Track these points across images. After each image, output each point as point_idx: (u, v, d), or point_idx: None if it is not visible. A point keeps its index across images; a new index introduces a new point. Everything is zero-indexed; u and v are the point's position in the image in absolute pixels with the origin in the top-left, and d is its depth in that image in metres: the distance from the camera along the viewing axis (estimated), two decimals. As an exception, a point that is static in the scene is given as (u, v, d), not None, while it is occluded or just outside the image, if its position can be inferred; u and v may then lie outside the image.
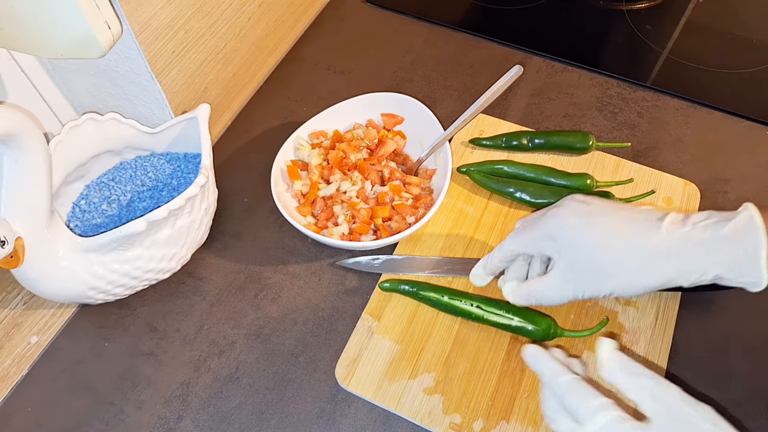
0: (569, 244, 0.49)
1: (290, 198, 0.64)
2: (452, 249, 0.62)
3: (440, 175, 0.64)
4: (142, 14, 0.54)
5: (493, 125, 0.72)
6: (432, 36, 0.82)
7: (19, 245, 0.49)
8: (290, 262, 0.63)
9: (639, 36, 0.82)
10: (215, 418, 0.54)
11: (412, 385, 0.55)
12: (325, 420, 0.54)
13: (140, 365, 0.57)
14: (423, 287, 0.58)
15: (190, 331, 0.59)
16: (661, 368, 0.55)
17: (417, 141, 0.68)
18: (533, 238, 0.52)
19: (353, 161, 0.65)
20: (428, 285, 0.58)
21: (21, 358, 0.57)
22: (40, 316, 0.60)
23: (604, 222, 0.49)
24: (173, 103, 0.62)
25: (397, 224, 0.61)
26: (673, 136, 0.72)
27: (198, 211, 0.58)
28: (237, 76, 0.72)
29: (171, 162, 0.64)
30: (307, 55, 0.81)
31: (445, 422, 0.53)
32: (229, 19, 0.66)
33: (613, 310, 0.58)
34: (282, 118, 0.74)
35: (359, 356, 0.56)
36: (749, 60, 0.79)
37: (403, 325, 0.58)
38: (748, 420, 0.53)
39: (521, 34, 0.82)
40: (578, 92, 0.76)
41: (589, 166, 0.68)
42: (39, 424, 0.54)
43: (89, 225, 0.60)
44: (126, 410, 0.55)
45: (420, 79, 0.78)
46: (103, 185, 0.63)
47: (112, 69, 0.59)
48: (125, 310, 0.60)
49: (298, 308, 0.60)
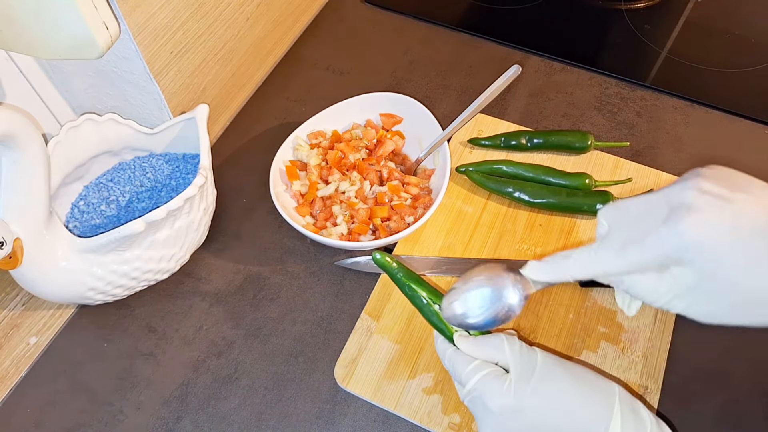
0: (711, 273, 0.36)
1: (289, 198, 0.64)
2: (451, 249, 0.62)
3: (439, 175, 0.64)
4: (140, 15, 0.54)
5: (492, 125, 0.72)
6: (430, 36, 0.82)
7: (17, 246, 0.49)
8: (289, 263, 0.63)
9: (638, 35, 0.82)
10: (214, 419, 0.54)
11: (411, 385, 0.55)
12: (324, 420, 0.54)
13: (139, 366, 0.57)
14: (410, 277, 0.51)
15: (189, 332, 0.59)
16: (660, 368, 0.55)
17: (416, 141, 0.68)
18: (647, 262, 0.38)
19: (352, 161, 0.65)
20: (416, 279, 0.52)
21: (20, 359, 0.57)
22: (39, 316, 0.60)
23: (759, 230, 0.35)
24: (172, 103, 0.62)
25: (396, 224, 0.61)
26: (672, 135, 0.72)
27: (197, 212, 0.58)
28: (236, 77, 0.72)
29: (170, 162, 0.64)
30: (305, 55, 0.81)
31: (445, 422, 0.53)
32: (227, 19, 0.66)
33: (612, 310, 0.58)
34: (281, 118, 0.74)
35: (358, 356, 0.56)
36: (748, 59, 0.79)
37: (402, 325, 0.58)
38: (747, 420, 0.53)
39: (520, 33, 0.82)
40: (577, 92, 0.76)
41: (588, 166, 0.68)
42: (38, 424, 0.54)
43: (88, 226, 0.60)
44: (125, 411, 0.55)
45: (418, 79, 0.78)
46: (101, 186, 0.63)
47: (111, 69, 0.59)
48: (124, 310, 0.60)
49: (297, 308, 0.60)
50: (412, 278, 0.51)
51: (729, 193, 0.36)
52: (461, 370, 0.46)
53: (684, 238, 0.36)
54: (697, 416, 0.54)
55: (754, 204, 0.36)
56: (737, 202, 0.35)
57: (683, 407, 0.54)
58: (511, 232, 0.63)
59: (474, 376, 0.45)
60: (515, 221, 0.64)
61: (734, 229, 0.35)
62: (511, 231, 0.63)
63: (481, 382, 0.45)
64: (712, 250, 0.35)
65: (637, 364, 0.55)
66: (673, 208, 0.37)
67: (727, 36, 0.82)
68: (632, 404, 0.44)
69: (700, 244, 0.35)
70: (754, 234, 0.35)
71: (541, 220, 0.64)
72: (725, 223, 0.35)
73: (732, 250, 0.35)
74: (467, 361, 0.46)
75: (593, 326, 0.57)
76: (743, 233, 0.35)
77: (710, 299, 0.37)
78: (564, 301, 0.59)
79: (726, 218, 0.35)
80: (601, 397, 0.44)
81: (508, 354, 0.45)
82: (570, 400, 0.43)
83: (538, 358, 0.45)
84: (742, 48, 0.80)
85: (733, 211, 0.35)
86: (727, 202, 0.36)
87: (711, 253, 0.35)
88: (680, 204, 0.37)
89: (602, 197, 0.63)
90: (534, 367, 0.44)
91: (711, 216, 0.35)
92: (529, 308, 0.58)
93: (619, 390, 0.44)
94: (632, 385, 0.54)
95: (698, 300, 0.38)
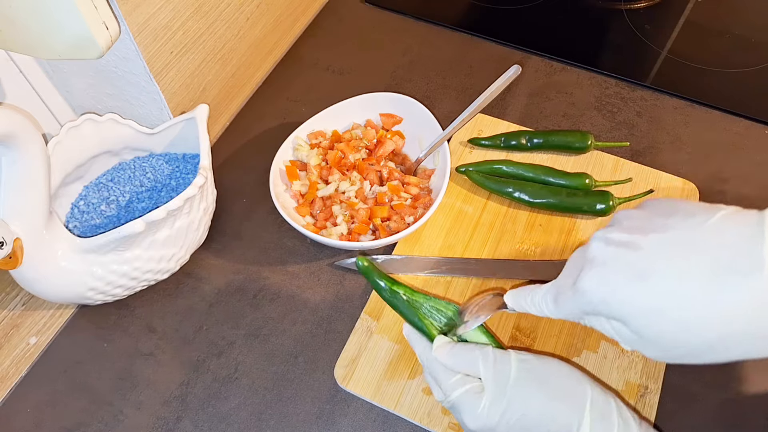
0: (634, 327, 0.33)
1: (289, 198, 0.64)
2: (451, 249, 0.62)
3: (439, 175, 0.64)
4: (140, 15, 0.54)
5: (492, 125, 0.72)
6: (430, 36, 0.82)
7: (17, 246, 0.49)
8: (289, 263, 0.63)
9: (638, 35, 0.82)
10: (214, 419, 0.54)
11: (411, 385, 0.54)
12: (324, 420, 0.54)
13: (139, 366, 0.57)
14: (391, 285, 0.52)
15: (189, 332, 0.59)
16: (660, 368, 0.55)
17: (416, 141, 0.68)
18: (574, 315, 0.38)
19: (352, 161, 0.65)
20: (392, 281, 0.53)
21: (20, 359, 0.57)
22: (39, 316, 0.60)
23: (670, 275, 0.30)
24: (172, 103, 0.62)
25: (396, 224, 0.61)
26: (672, 135, 0.72)
27: (197, 212, 0.58)
28: (235, 77, 0.72)
29: (170, 162, 0.64)
30: (305, 55, 0.81)
31: (444, 422, 0.52)
32: (227, 19, 0.66)
33: (612, 310, 0.58)
34: (281, 118, 0.74)
35: (358, 356, 0.56)
36: (748, 59, 0.79)
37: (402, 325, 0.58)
38: (748, 420, 0.53)
39: (520, 33, 0.82)
40: (577, 92, 0.76)
41: (588, 166, 0.68)
42: (38, 424, 0.54)
43: (88, 226, 0.60)
44: (125, 411, 0.55)
45: (418, 79, 0.78)
46: (101, 186, 0.63)
47: (111, 69, 0.59)
48: (124, 310, 0.60)
49: (297, 308, 0.60)
50: (388, 279, 0.53)
51: (638, 238, 0.31)
52: (444, 379, 0.47)
53: (588, 297, 0.34)
54: (697, 416, 0.54)
55: (667, 243, 0.31)
56: (643, 249, 0.31)
57: (683, 407, 0.54)
58: (511, 232, 0.63)
59: (455, 391, 0.46)
60: (515, 221, 0.64)
61: (639, 279, 0.30)
62: (511, 231, 0.63)
63: (461, 397, 0.45)
64: (619, 307, 0.32)
65: (637, 364, 0.55)
66: (585, 261, 0.35)
67: (727, 36, 0.82)
68: (604, 409, 0.43)
69: (605, 302, 0.33)
70: (665, 278, 0.30)
71: (541, 220, 0.64)
72: (628, 275, 0.31)
73: (642, 303, 0.31)
74: (450, 373, 0.47)
75: (593, 326, 0.57)
76: (651, 282, 0.30)
77: (653, 348, 0.33)
78: (564, 301, 0.59)
79: (629, 270, 0.31)
80: (572, 404, 0.43)
81: (482, 372, 0.45)
82: (541, 411, 0.43)
83: (512, 368, 0.45)
84: (742, 48, 0.80)
85: (637, 258, 0.31)
86: (631, 251, 0.31)
87: (619, 310, 0.32)
88: (586, 258, 0.34)
89: (602, 197, 0.63)
90: (507, 380, 0.44)
91: (611, 270, 0.32)
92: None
93: (592, 393, 0.44)
94: (632, 385, 0.54)
95: (645, 348, 0.34)
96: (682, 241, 0.30)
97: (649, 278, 0.30)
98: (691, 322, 0.29)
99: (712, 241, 0.29)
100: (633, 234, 0.32)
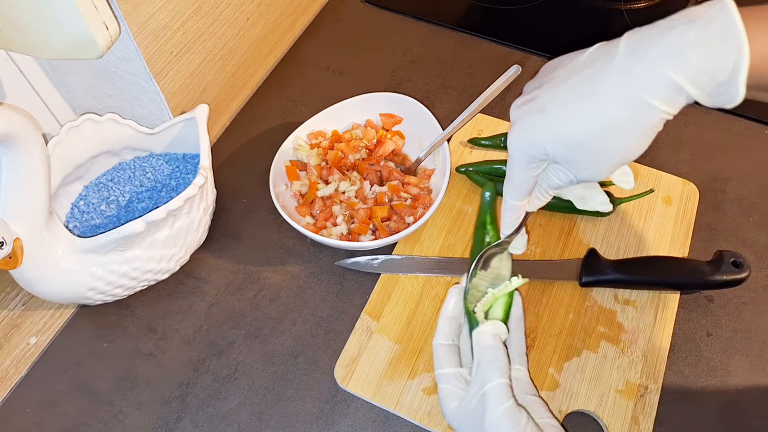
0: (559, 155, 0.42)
1: (289, 198, 0.64)
2: (451, 249, 0.62)
3: (439, 175, 0.64)
4: (140, 15, 0.54)
5: (492, 125, 0.72)
6: (430, 36, 0.82)
7: (17, 246, 0.49)
8: (289, 263, 0.63)
9: (637, 35, 0.82)
10: (214, 419, 0.54)
11: (411, 385, 0.55)
12: (324, 420, 0.54)
13: (139, 366, 0.57)
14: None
15: (189, 332, 0.59)
16: (660, 368, 0.55)
17: (416, 141, 0.68)
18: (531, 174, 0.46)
19: (352, 161, 0.65)
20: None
21: (20, 359, 0.57)
22: (39, 316, 0.60)
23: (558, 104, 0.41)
24: (172, 103, 0.62)
25: (396, 224, 0.61)
26: (672, 135, 0.72)
27: (197, 212, 0.58)
28: (236, 77, 0.72)
29: (169, 162, 0.64)
30: (305, 55, 0.81)
31: (444, 422, 0.52)
32: (227, 19, 0.66)
33: (612, 310, 0.58)
34: (281, 118, 0.74)
35: (358, 356, 0.56)
36: (748, 59, 0.79)
37: (402, 325, 0.58)
38: (748, 420, 0.53)
39: (520, 33, 0.82)
40: (577, 92, 0.76)
41: (588, 166, 0.68)
42: (38, 424, 0.54)
43: (88, 226, 0.60)
44: (125, 411, 0.55)
45: (418, 79, 0.78)
46: (101, 186, 0.63)
47: (111, 69, 0.59)
48: (124, 310, 0.60)
49: (297, 308, 0.60)
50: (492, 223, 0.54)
51: (536, 93, 0.43)
52: (493, 359, 0.45)
53: (520, 146, 0.43)
54: (697, 416, 0.54)
55: (554, 84, 0.42)
56: (540, 96, 0.42)
57: (683, 407, 0.54)
58: (511, 232, 0.63)
59: (497, 378, 0.44)
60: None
61: (540, 113, 0.41)
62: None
63: (495, 389, 0.44)
64: (540, 140, 0.42)
65: (637, 364, 0.55)
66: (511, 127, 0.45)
67: (727, 36, 0.81)
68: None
69: (532, 143, 0.42)
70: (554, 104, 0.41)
71: (541, 220, 0.64)
72: (535, 116, 0.42)
73: (548, 129, 0.41)
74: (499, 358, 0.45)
75: (593, 326, 0.57)
76: (547, 112, 0.41)
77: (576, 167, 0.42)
78: (564, 301, 0.59)
79: (535, 113, 0.42)
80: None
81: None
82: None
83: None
84: (742, 48, 0.80)
85: (536, 104, 0.42)
86: (533, 102, 0.42)
87: (542, 144, 0.42)
88: (511, 124, 0.44)
89: (602, 197, 0.63)
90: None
91: (525, 120, 0.43)
92: (529, 308, 0.58)
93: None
94: (632, 385, 0.54)
95: (574, 167, 0.43)
96: (563, 78, 0.42)
97: (545, 111, 0.41)
98: (577, 127, 0.40)
99: (581, 72, 0.41)
100: (533, 92, 0.43)
